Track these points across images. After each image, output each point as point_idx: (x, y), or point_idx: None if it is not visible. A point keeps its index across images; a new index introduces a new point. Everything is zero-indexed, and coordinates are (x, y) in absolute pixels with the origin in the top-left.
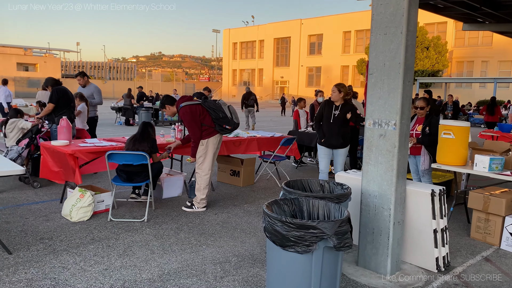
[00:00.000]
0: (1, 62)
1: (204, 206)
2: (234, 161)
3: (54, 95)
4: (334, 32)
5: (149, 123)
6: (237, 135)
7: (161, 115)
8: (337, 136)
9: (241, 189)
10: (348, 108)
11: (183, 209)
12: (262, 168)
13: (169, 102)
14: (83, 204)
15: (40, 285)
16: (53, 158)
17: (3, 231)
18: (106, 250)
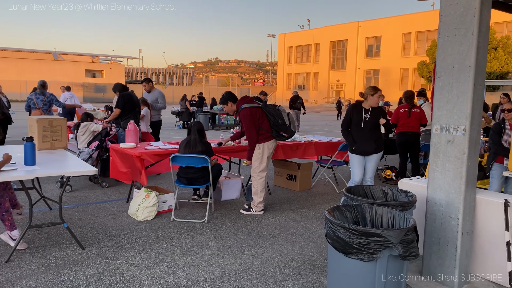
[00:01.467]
0: (71, 69)
1: (262, 209)
2: (291, 166)
3: (121, 101)
4: (393, 34)
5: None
6: (294, 139)
7: (218, 118)
8: (370, 142)
9: (297, 194)
10: (379, 112)
11: (241, 212)
12: (319, 173)
13: (232, 99)
14: (148, 204)
15: (110, 280)
16: (122, 160)
17: (76, 228)
18: (170, 249)
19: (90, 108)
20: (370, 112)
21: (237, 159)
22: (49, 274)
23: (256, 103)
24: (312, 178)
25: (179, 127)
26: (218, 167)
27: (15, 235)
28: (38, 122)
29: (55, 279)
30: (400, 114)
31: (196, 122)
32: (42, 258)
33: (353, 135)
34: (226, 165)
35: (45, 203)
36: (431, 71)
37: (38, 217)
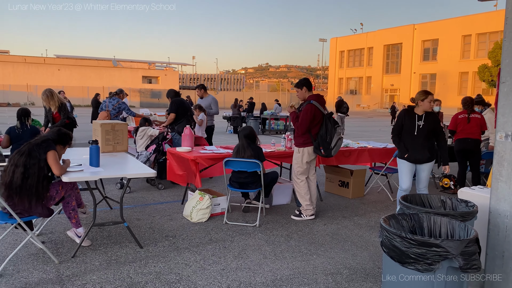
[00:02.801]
0: (129, 75)
1: (312, 214)
2: (343, 172)
3: (173, 106)
4: (452, 36)
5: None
6: (347, 145)
7: (268, 123)
8: (423, 150)
9: (350, 201)
10: (433, 118)
11: (292, 218)
12: (372, 180)
13: (308, 85)
14: (202, 206)
15: (167, 279)
16: (178, 163)
17: (135, 227)
18: (223, 251)
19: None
20: (423, 118)
21: (288, 164)
22: (111, 271)
23: (323, 108)
24: (365, 185)
25: (230, 131)
26: (274, 175)
27: (80, 232)
28: (102, 126)
29: (116, 275)
30: (459, 120)
31: (243, 128)
32: (104, 255)
33: (405, 142)
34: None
35: (107, 203)
36: (493, 75)
37: (100, 216)
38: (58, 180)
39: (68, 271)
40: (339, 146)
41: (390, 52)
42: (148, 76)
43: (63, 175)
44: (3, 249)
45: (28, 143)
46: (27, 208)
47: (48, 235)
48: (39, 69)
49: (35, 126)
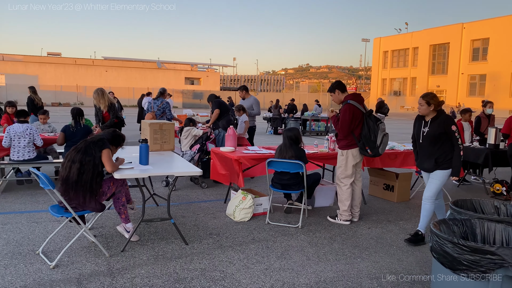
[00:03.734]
0: (173, 76)
1: (347, 220)
2: (388, 175)
3: (216, 104)
4: (504, 35)
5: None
6: (393, 147)
7: (309, 125)
8: (429, 158)
9: (395, 205)
10: (439, 122)
11: (328, 219)
12: (419, 184)
13: (340, 88)
14: (245, 205)
15: (211, 276)
16: (221, 162)
17: (180, 224)
18: (266, 251)
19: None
20: (429, 124)
21: (331, 166)
22: (158, 265)
23: (362, 106)
24: (410, 189)
25: (270, 132)
26: (316, 176)
27: (129, 228)
28: (150, 126)
29: (163, 270)
30: None
31: (288, 128)
32: (151, 250)
33: (417, 149)
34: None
35: (153, 200)
36: None
37: (147, 213)
38: (109, 176)
39: (118, 265)
40: (385, 143)
41: (436, 52)
42: (190, 77)
43: (115, 172)
44: (58, 241)
45: (85, 141)
46: (82, 202)
47: (99, 229)
48: (88, 71)
49: (87, 125)
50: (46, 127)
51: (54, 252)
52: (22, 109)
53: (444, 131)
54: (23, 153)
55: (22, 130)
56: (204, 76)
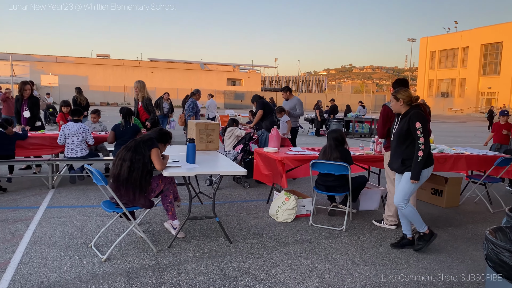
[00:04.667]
0: (215, 77)
1: (394, 224)
2: (437, 179)
3: (260, 105)
4: None
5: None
6: (442, 151)
7: (352, 126)
8: (397, 158)
9: (443, 210)
10: (407, 119)
11: (373, 223)
12: (469, 189)
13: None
14: (288, 206)
15: (256, 275)
16: (264, 163)
17: (224, 223)
18: (309, 253)
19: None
20: (399, 121)
21: (377, 168)
22: (203, 262)
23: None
24: (460, 194)
25: (312, 133)
26: (362, 179)
27: (176, 225)
28: (197, 125)
29: (208, 267)
30: None
31: (332, 130)
32: (196, 247)
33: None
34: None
35: (198, 198)
36: None
37: (192, 210)
38: (158, 174)
39: (165, 260)
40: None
41: (488, 52)
42: (232, 78)
43: (164, 170)
44: (109, 235)
45: (134, 140)
46: (132, 199)
47: (147, 225)
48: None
49: (136, 124)
50: (97, 126)
51: (105, 246)
52: (77, 108)
53: (409, 128)
54: (76, 151)
55: (76, 129)
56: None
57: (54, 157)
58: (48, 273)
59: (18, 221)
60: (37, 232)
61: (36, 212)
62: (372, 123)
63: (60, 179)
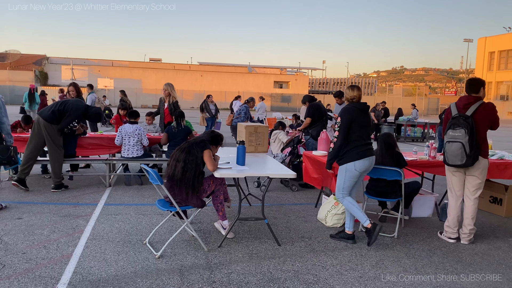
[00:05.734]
0: (262, 80)
1: (450, 238)
2: (496, 187)
3: (310, 110)
4: None
5: (387, 135)
6: (502, 157)
7: (404, 130)
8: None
9: (503, 220)
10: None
11: (438, 236)
12: None
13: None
14: (337, 211)
15: (305, 279)
16: (313, 166)
17: (272, 225)
18: (359, 259)
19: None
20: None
21: (431, 174)
22: (252, 263)
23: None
24: None
25: None
26: (415, 185)
27: (225, 225)
28: (246, 128)
29: (257, 269)
30: None
31: (383, 134)
32: (245, 248)
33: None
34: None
35: (246, 200)
36: None
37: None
38: (209, 175)
39: (215, 259)
40: (448, 151)
41: None
42: (279, 81)
43: (215, 171)
44: (162, 233)
45: (188, 142)
46: (185, 198)
47: (198, 225)
48: (185, 75)
49: (188, 126)
50: (151, 128)
51: (159, 243)
52: (134, 110)
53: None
54: (132, 151)
55: (132, 130)
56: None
57: (111, 157)
58: (107, 267)
59: (79, 217)
60: (96, 227)
61: (94, 209)
62: (425, 127)
63: (116, 178)
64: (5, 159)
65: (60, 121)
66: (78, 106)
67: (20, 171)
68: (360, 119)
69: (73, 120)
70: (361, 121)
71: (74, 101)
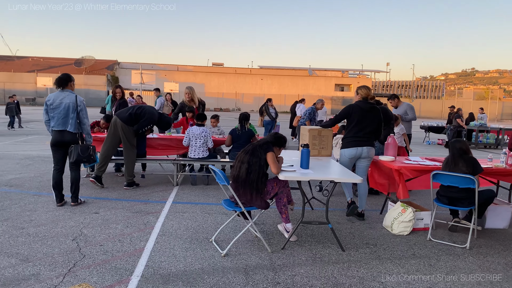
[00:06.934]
0: (323, 83)
1: None
2: None
3: None
4: None
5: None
6: None
7: (475, 136)
8: None
9: None
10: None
11: None
12: None
13: None
14: (404, 218)
15: (370, 286)
16: (379, 171)
17: (336, 230)
18: (428, 269)
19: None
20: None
21: (507, 183)
22: (316, 267)
23: None
24: None
25: (428, 142)
26: (490, 194)
27: (289, 228)
28: (310, 131)
29: (321, 273)
30: None
31: (455, 140)
32: (309, 251)
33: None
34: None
35: (309, 203)
36: None
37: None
38: (273, 177)
39: (279, 261)
40: None
41: None
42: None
43: (279, 174)
44: (226, 232)
45: (252, 144)
46: (249, 199)
47: (260, 226)
48: (246, 79)
49: (251, 129)
50: (216, 130)
51: (224, 242)
52: (202, 113)
53: None
54: (198, 152)
55: (199, 132)
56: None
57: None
58: (176, 262)
59: (149, 213)
60: (165, 224)
61: (163, 206)
62: (499, 133)
63: (183, 178)
64: (85, 157)
65: (135, 123)
66: (153, 112)
67: (97, 169)
68: (360, 115)
69: (148, 124)
70: (359, 117)
71: (150, 107)
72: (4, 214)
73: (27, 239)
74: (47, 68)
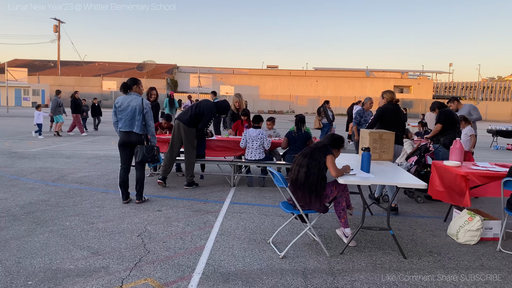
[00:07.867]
0: (381, 85)
1: None
2: None
3: (441, 116)
4: None
5: None
6: None
7: None
8: None
9: None
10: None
11: None
12: None
13: None
14: (471, 227)
15: None
16: (441, 178)
17: (397, 237)
18: (500, 282)
19: None
20: None
21: None
22: (376, 274)
23: None
24: None
25: (496, 147)
26: None
27: (347, 233)
28: (370, 135)
29: (382, 280)
30: None
31: None
32: (368, 257)
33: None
34: None
35: (368, 208)
36: None
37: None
38: (332, 180)
39: (338, 266)
40: None
41: None
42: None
43: (339, 178)
44: (284, 234)
45: (310, 147)
46: (307, 202)
47: (318, 230)
48: (300, 81)
49: (307, 132)
50: (271, 132)
51: (281, 244)
52: (258, 115)
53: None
54: (255, 154)
55: (256, 134)
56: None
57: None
58: (235, 261)
59: (208, 213)
60: (224, 224)
61: (222, 206)
62: None
63: (239, 179)
64: (149, 157)
65: (197, 123)
66: (209, 104)
67: (163, 170)
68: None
69: (211, 119)
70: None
71: (204, 101)
72: (76, 209)
73: (97, 233)
74: (112, 72)
